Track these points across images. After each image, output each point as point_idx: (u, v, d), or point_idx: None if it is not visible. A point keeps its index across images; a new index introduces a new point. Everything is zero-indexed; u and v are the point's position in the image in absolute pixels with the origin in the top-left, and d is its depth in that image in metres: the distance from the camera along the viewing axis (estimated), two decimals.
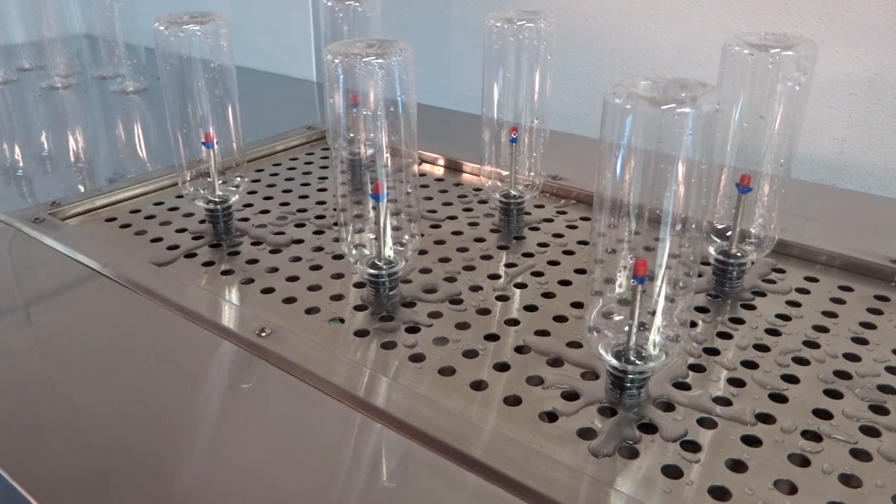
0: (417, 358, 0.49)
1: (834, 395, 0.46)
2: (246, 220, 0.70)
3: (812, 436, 0.42)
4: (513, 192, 0.67)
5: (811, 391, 0.46)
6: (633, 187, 0.40)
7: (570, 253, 0.64)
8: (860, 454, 0.41)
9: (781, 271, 0.60)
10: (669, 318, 0.43)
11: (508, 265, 0.62)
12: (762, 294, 0.57)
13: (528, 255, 0.63)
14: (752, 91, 0.52)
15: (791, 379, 0.47)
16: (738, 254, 0.56)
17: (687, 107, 0.37)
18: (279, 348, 0.48)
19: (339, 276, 0.60)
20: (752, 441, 0.42)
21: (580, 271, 0.60)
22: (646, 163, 0.39)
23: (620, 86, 0.39)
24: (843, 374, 0.48)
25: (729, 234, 0.56)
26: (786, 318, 0.54)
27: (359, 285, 0.58)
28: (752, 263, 0.58)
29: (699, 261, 0.43)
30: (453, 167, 0.83)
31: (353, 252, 0.55)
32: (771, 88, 0.52)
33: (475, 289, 0.58)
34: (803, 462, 0.40)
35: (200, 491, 0.39)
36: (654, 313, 0.42)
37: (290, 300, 0.56)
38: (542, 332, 0.52)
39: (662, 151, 0.38)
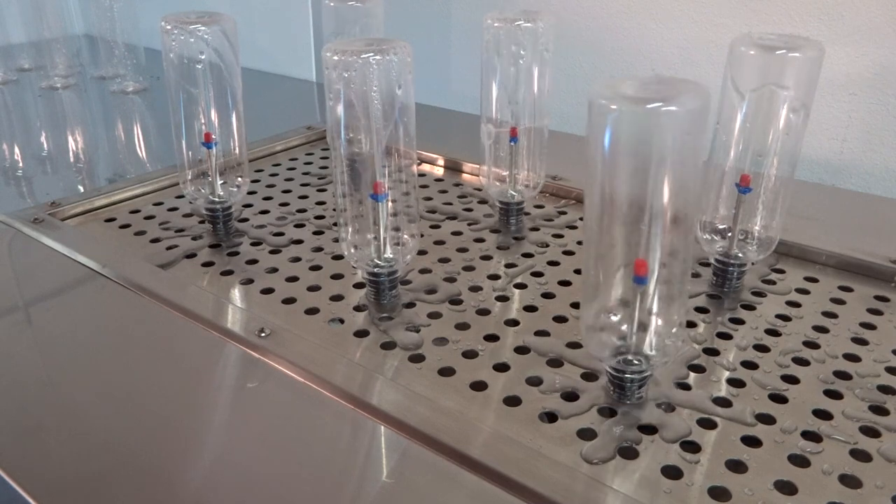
0: (417, 358, 0.49)
1: (834, 395, 0.46)
2: (245, 220, 0.70)
3: (812, 436, 0.42)
4: (512, 193, 0.67)
5: (811, 391, 0.46)
6: (626, 186, 0.39)
7: (569, 253, 0.63)
8: (860, 455, 0.41)
9: (781, 271, 0.60)
10: (668, 319, 0.43)
11: (508, 265, 0.62)
12: (762, 294, 0.57)
13: (527, 255, 0.63)
14: (756, 91, 0.52)
15: (791, 379, 0.47)
16: (739, 254, 0.56)
17: (672, 105, 0.37)
18: (279, 349, 0.48)
19: (338, 276, 0.60)
20: (752, 441, 0.42)
21: (580, 271, 0.60)
22: (638, 163, 0.39)
23: (607, 87, 0.38)
24: (843, 375, 0.48)
25: (729, 234, 0.56)
26: (786, 318, 0.54)
27: (358, 286, 0.58)
28: (753, 264, 0.58)
29: (692, 259, 0.43)
30: (453, 167, 0.83)
31: (353, 252, 0.55)
32: (774, 89, 0.52)
33: (475, 289, 0.58)
34: (803, 462, 0.40)
35: (200, 491, 0.39)
36: (653, 313, 0.42)
37: (289, 301, 0.56)
38: (542, 333, 0.52)
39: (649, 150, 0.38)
